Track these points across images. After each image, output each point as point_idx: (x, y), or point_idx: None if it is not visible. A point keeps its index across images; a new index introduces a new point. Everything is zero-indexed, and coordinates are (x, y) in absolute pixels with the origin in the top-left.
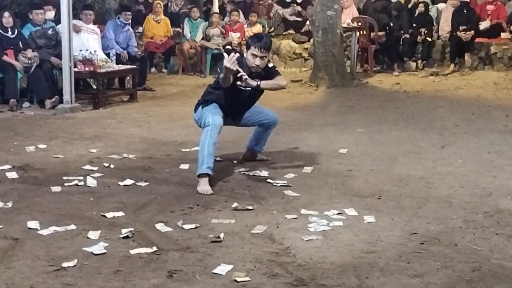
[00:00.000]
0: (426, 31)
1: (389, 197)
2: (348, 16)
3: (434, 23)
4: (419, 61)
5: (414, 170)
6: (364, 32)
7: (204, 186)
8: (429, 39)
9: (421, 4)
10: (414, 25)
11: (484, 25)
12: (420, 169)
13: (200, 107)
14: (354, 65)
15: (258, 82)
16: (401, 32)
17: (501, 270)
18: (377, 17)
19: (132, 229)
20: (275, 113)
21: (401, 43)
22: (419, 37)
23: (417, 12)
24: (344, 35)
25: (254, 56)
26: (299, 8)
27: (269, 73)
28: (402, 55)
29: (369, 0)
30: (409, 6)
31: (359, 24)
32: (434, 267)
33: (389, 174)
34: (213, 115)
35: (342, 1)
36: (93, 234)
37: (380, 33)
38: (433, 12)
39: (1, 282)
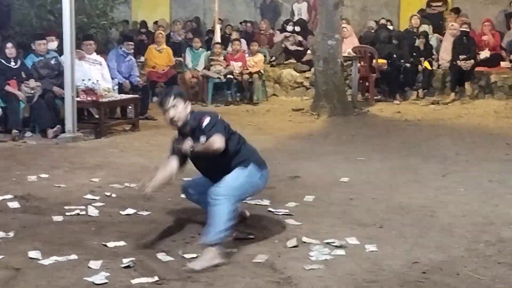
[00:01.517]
0: (426, 60)
1: (390, 226)
2: (349, 45)
3: (434, 52)
4: (420, 90)
5: (416, 198)
6: (365, 62)
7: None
8: (430, 68)
9: (421, 38)
10: (414, 54)
11: (483, 54)
12: (421, 197)
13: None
14: (355, 94)
15: (191, 147)
16: (402, 61)
17: None
18: (380, 47)
19: (134, 258)
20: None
21: (402, 72)
22: (419, 66)
23: (417, 42)
24: (344, 64)
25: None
26: (300, 38)
27: (203, 132)
28: (403, 84)
29: (369, 29)
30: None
31: (360, 53)
32: None
33: (391, 203)
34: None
35: (342, 31)
36: (94, 264)
37: (381, 61)
38: (433, 42)
39: None
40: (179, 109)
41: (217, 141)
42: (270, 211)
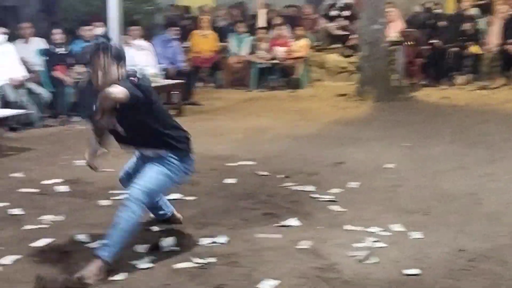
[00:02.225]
0: (474, 44)
1: (436, 213)
2: (394, 29)
3: (483, 36)
4: (467, 75)
5: (462, 185)
6: (411, 46)
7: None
8: (477, 52)
9: (469, 21)
10: (462, 38)
11: None
12: (467, 184)
13: None
14: (400, 79)
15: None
16: (448, 45)
17: None
18: (423, 30)
19: (178, 243)
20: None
21: (448, 56)
22: (467, 50)
23: (465, 25)
24: (390, 48)
25: None
26: (345, 22)
27: None
28: (450, 69)
29: (415, 13)
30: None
31: (406, 37)
32: (484, 285)
33: (436, 190)
34: None
35: (388, 15)
36: (140, 248)
37: (426, 46)
38: (481, 25)
39: None
40: (110, 73)
41: (115, 91)
42: (314, 197)
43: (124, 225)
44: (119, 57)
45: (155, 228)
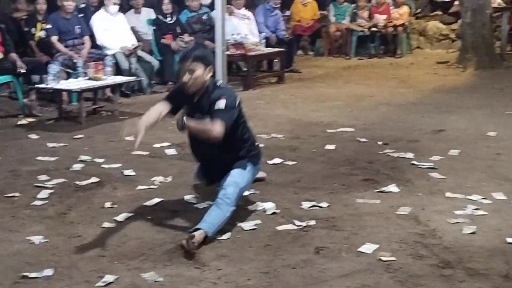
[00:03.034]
0: None
1: None
2: None
3: None
4: None
5: None
6: None
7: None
8: None
9: None
10: None
11: None
12: None
13: None
14: (504, 46)
15: (184, 121)
16: None
17: None
18: None
19: (280, 206)
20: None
21: None
22: None
23: None
24: (494, 15)
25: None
26: None
27: (211, 113)
28: None
29: None
30: None
31: (511, 3)
32: None
33: None
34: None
35: None
36: (244, 211)
37: None
38: None
39: (160, 252)
40: (196, 75)
41: (217, 131)
42: (413, 164)
43: (218, 220)
44: (206, 62)
45: (257, 191)
